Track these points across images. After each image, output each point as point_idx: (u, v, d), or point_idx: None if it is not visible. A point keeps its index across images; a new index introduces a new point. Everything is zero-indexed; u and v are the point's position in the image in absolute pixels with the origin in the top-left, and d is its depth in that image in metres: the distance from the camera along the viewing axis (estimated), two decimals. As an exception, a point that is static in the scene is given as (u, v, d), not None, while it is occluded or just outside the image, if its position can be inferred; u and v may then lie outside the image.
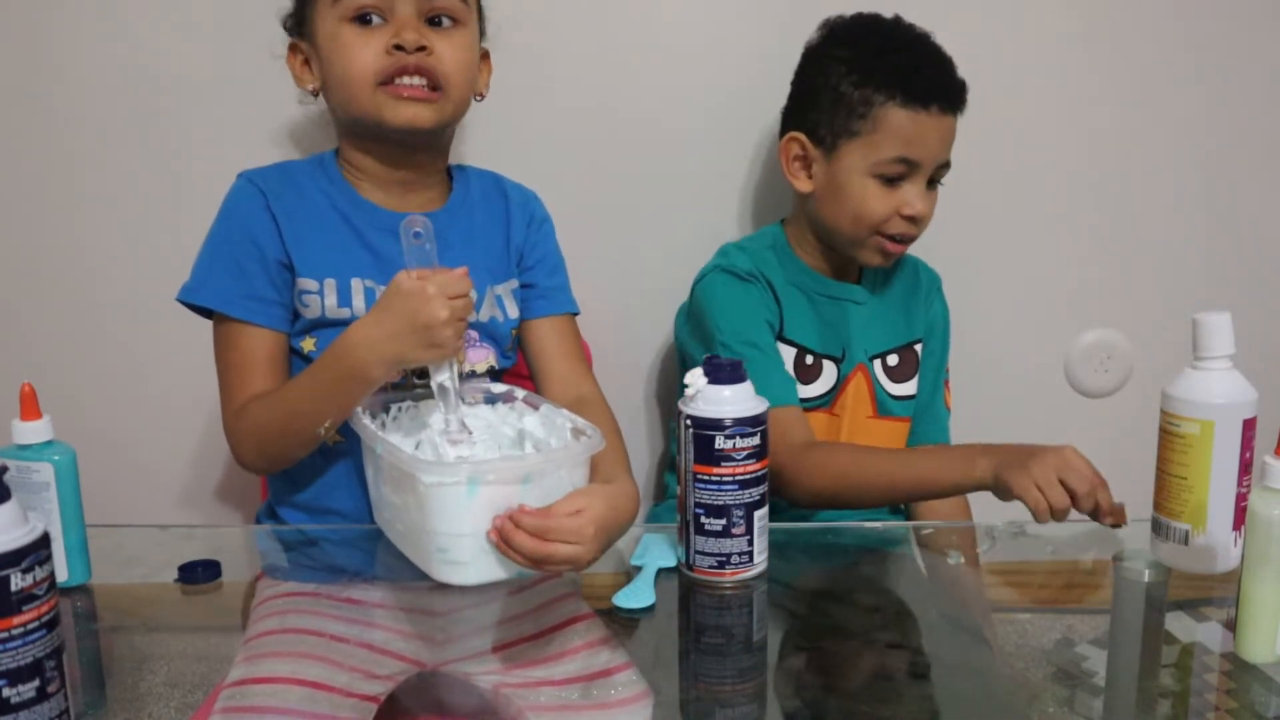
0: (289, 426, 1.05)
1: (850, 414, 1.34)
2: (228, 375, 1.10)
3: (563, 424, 0.99)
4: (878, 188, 1.26)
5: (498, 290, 1.19)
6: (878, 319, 1.36)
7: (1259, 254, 1.59)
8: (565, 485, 0.92)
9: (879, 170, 1.26)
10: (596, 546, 0.91)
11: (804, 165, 1.32)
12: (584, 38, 1.46)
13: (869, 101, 1.25)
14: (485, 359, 1.17)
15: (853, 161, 1.27)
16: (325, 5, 1.10)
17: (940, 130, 1.26)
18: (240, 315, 1.09)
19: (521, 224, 1.23)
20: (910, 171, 1.26)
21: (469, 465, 0.89)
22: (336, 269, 1.12)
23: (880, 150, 1.25)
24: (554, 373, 1.20)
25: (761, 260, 1.33)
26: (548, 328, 1.22)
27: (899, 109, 1.24)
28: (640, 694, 0.84)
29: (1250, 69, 1.53)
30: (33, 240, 1.49)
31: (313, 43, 1.13)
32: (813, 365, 1.32)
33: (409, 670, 0.87)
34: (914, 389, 1.38)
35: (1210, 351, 0.93)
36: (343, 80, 1.10)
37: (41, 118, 1.45)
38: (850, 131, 1.26)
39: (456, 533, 0.88)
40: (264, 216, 1.11)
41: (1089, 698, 0.83)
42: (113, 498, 1.18)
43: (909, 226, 1.27)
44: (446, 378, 0.98)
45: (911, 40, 1.29)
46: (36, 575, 0.69)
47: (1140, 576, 1.00)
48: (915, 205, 1.26)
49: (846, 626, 0.97)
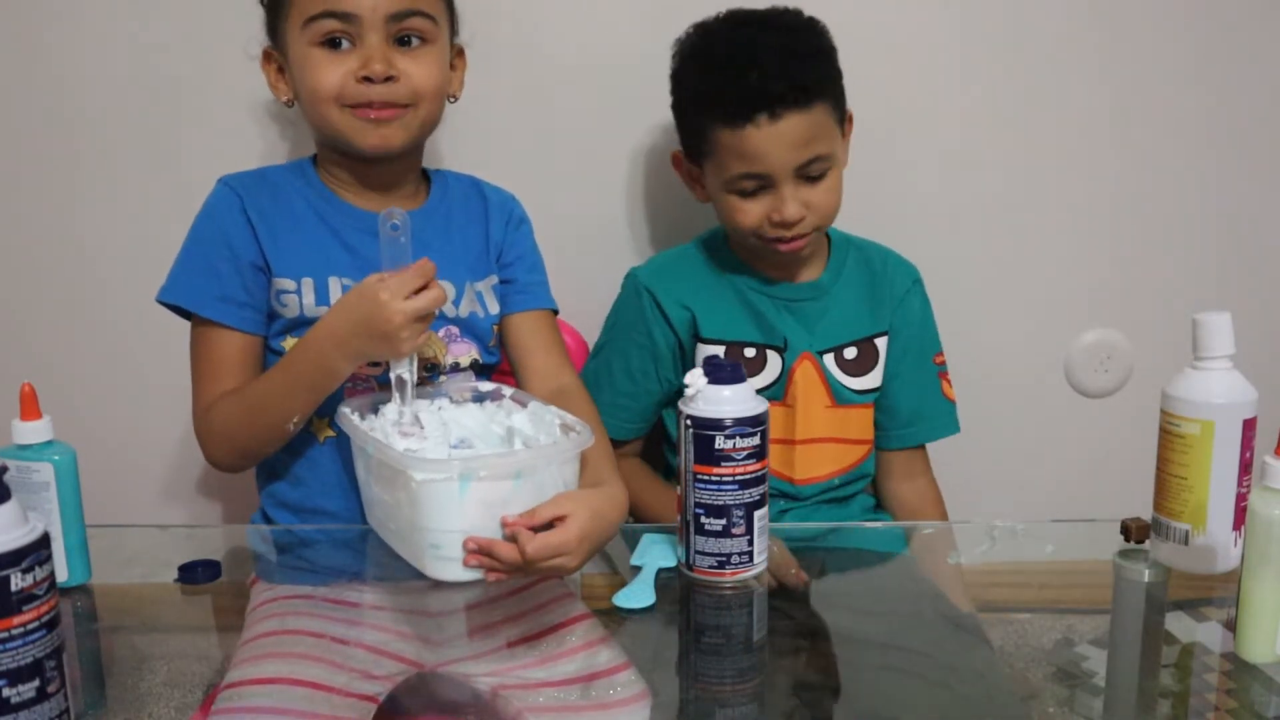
0: (258, 420, 1.07)
1: (803, 404, 1.31)
2: (198, 374, 1.12)
3: (551, 420, 0.99)
4: (741, 201, 1.24)
5: (477, 286, 1.19)
6: (832, 313, 1.34)
7: (1259, 254, 1.59)
8: (556, 481, 0.92)
9: (733, 188, 1.24)
10: (582, 554, 0.91)
11: (693, 179, 1.33)
12: (567, 38, 1.46)
13: (701, 129, 1.24)
14: (468, 353, 1.18)
15: (712, 180, 1.27)
16: (295, 28, 1.10)
17: (780, 136, 1.19)
18: (212, 316, 1.10)
19: (500, 222, 1.24)
20: (766, 181, 1.23)
21: (460, 462, 0.89)
22: (314, 268, 1.12)
23: (725, 170, 1.23)
24: (534, 365, 1.21)
25: (671, 269, 1.35)
26: (527, 322, 1.22)
27: (725, 129, 1.21)
28: (639, 694, 0.84)
29: (1251, 69, 1.53)
30: (33, 240, 1.49)
31: (285, 57, 1.14)
32: (755, 358, 1.31)
33: (408, 671, 0.87)
34: (876, 382, 1.35)
35: (1210, 351, 0.93)
36: (311, 101, 1.12)
37: (41, 118, 1.45)
38: (700, 153, 1.27)
39: (449, 529, 0.88)
40: (239, 220, 1.12)
41: (1089, 698, 0.83)
42: (113, 498, 1.18)
43: (785, 230, 1.24)
44: (405, 370, 1.01)
45: (743, 44, 1.22)
46: (36, 575, 0.69)
47: (1140, 576, 1.00)
48: (783, 210, 1.22)
49: (846, 627, 0.97)
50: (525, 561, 0.88)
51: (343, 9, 1.08)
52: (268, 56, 1.17)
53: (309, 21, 1.09)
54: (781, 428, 1.31)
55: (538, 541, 0.88)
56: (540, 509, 0.89)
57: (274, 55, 1.16)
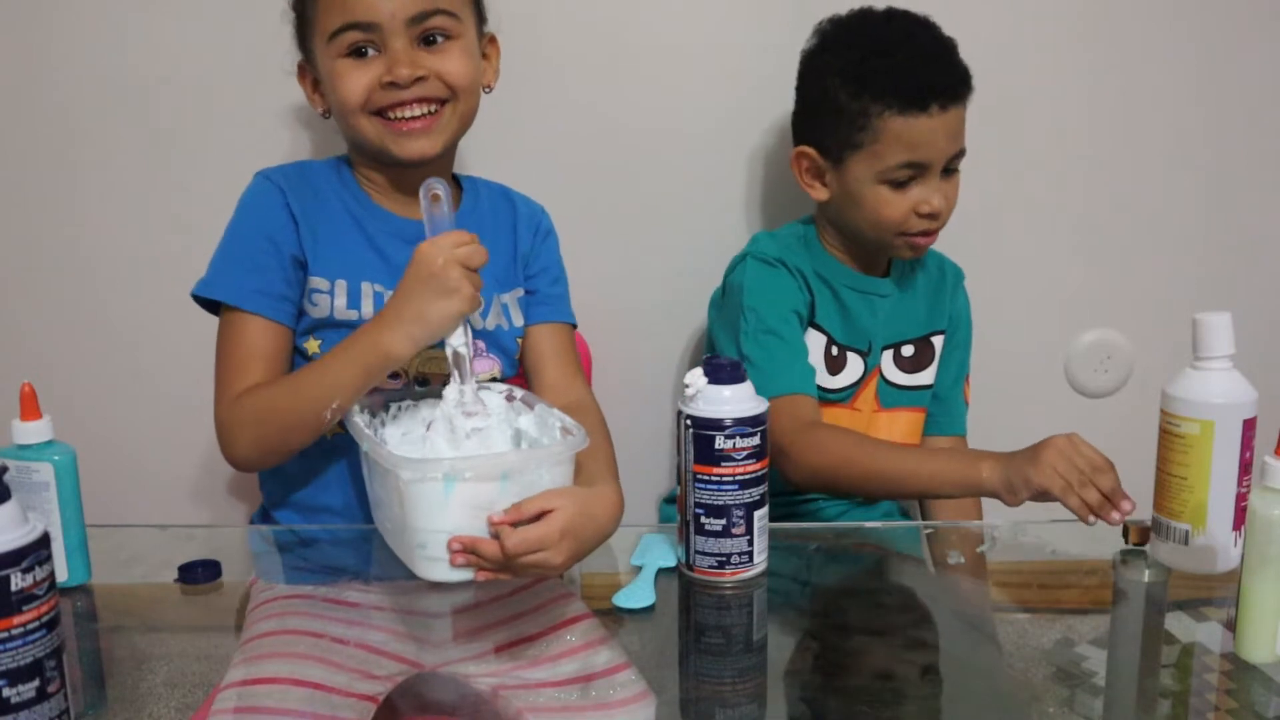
0: (296, 407, 1.03)
1: (867, 409, 1.35)
2: (228, 366, 1.09)
3: (554, 424, 0.99)
4: (889, 193, 1.26)
5: (504, 299, 1.19)
6: (900, 311, 1.37)
7: (1259, 254, 1.59)
8: (545, 484, 0.91)
9: (887, 177, 1.25)
10: (565, 550, 0.89)
11: (816, 175, 1.32)
12: (590, 39, 1.46)
13: (866, 113, 1.24)
14: (490, 370, 1.17)
15: (860, 172, 1.26)
16: (321, 41, 1.11)
17: (944, 127, 1.24)
18: (251, 308, 1.09)
19: (529, 233, 1.23)
20: (920, 172, 1.25)
21: (447, 461, 0.89)
22: (348, 270, 1.12)
23: (885, 159, 1.24)
24: (549, 378, 1.20)
25: (790, 249, 1.33)
26: (545, 334, 1.22)
27: (897, 117, 1.22)
28: (640, 694, 0.84)
29: (1251, 69, 1.53)
30: (33, 240, 1.49)
31: (316, 70, 1.15)
32: (838, 357, 1.32)
33: (408, 671, 0.88)
34: (929, 379, 1.39)
35: (1210, 351, 0.93)
36: (342, 113, 1.12)
37: (41, 118, 1.45)
38: (854, 144, 1.26)
39: (435, 529, 0.88)
40: (282, 214, 1.12)
41: (1089, 698, 0.83)
42: (113, 498, 1.18)
43: (929, 223, 1.27)
44: (461, 343, 0.98)
45: (902, 38, 1.27)
46: (36, 575, 0.69)
47: (1140, 576, 1.00)
48: (931, 202, 1.25)
49: (846, 627, 0.97)
50: (506, 557, 0.87)
51: (363, 20, 1.07)
52: (302, 71, 1.17)
53: (333, 35, 1.09)
54: None
55: (516, 536, 0.87)
56: (527, 503, 0.88)
57: (307, 69, 1.17)
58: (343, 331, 1.07)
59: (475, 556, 0.88)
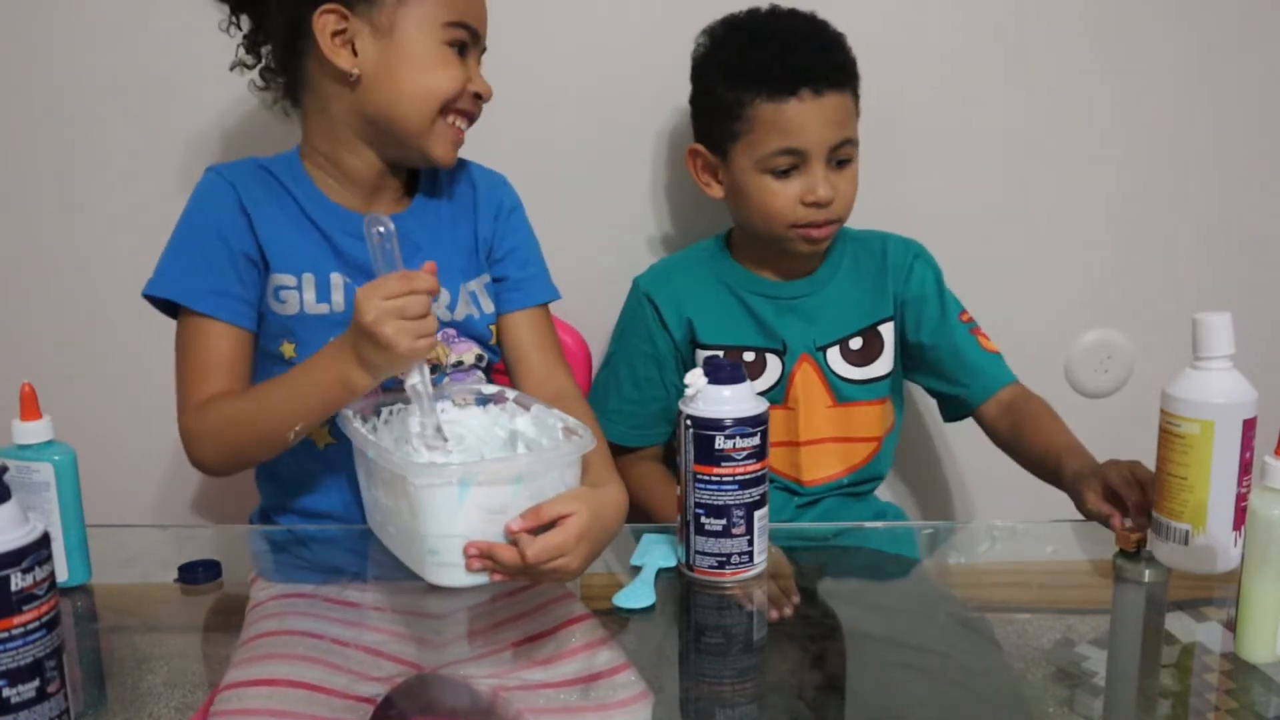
0: (260, 425, 1.02)
1: (805, 406, 1.33)
2: (187, 371, 1.08)
3: (554, 424, 0.99)
4: (773, 182, 1.26)
5: (470, 287, 1.18)
6: (830, 307, 1.34)
7: (1259, 254, 1.59)
8: (557, 485, 0.92)
9: (767, 166, 1.25)
10: (582, 555, 0.91)
11: (710, 173, 1.33)
12: (576, 39, 1.46)
13: (740, 102, 1.25)
14: (470, 350, 1.17)
15: (743, 162, 1.27)
16: (423, 12, 1.07)
17: (819, 113, 1.23)
18: (204, 309, 1.07)
19: (489, 216, 1.21)
20: (801, 160, 1.25)
21: (461, 466, 0.89)
22: (314, 264, 1.10)
23: (760, 147, 1.25)
24: (530, 367, 1.20)
25: (683, 269, 1.36)
26: (522, 321, 1.21)
27: (767, 103, 1.23)
28: (640, 694, 0.84)
29: (1251, 68, 1.53)
30: (33, 240, 1.49)
31: (374, 27, 1.07)
32: (755, 361, 1.32)
33: (407, 673, 0.87)
34: (885, 368, 1.36)
35: (1210, 351, 0.93)
36: (412, 95, 1.08)
37: (41, 118, 1.45)
38: (733, 134, 1.27)
39: (448, 534, 0.88)
40: (233, 210, 1.09)
41: (1089, 698, 0.83)
42: (113, 498, 1.18)
43: (817, 212, 1.26)
44: (417, 381, 0.96)
45: (777, 29, 1.28)
46: (36, 575, 0.69)
47: (1140, 576, 1.00)
48: (816, 192, 1.24)
49: (846, 627, 0.97)
50: (527, 566, 0.88)
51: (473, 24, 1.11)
52: (337, 14, 1.06)
53: (448, 25, 1.09)
54: (784, 430, 1.32)
55: (538, 545, 0.88)
56: (544, 508, 0.89)
57: (349, 19, 1.06)
58: (315, 329, 1.06)
59: (491, 561, 0.88)
